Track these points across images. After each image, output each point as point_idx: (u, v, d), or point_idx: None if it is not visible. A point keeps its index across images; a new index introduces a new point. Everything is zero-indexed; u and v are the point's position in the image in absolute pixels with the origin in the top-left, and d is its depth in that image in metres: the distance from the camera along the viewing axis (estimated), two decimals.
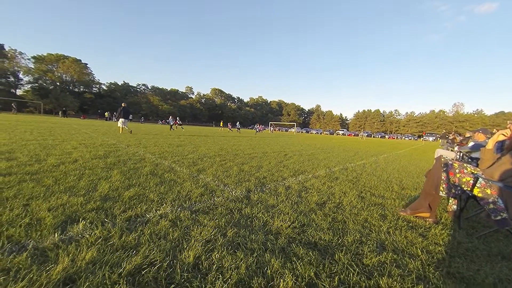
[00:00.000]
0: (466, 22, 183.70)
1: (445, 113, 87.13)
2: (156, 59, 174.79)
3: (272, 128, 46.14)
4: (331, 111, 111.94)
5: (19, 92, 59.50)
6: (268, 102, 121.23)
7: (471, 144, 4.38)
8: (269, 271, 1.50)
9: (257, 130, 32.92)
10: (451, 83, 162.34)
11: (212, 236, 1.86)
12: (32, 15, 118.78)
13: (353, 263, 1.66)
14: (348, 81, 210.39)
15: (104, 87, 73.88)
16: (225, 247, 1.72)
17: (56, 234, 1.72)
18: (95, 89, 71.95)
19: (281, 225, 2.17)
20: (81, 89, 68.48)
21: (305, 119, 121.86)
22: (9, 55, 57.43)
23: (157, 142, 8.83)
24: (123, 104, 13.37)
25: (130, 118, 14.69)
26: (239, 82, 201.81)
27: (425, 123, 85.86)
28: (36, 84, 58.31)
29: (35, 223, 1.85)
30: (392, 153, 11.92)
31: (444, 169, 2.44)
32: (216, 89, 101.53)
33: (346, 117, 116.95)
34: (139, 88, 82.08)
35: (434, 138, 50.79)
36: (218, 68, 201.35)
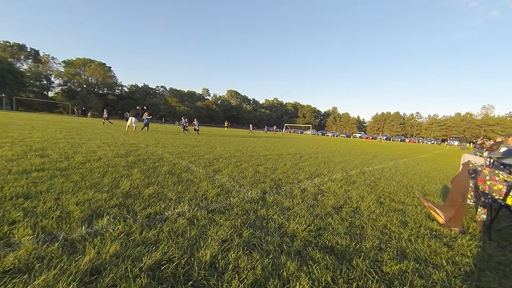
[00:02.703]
0: (500, 17, 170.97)
1: (473, 116, 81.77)
2: (174, 62, 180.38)
3: (282, 129, 47.03)
4: (348, 114, 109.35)
5: (50, 94, 63.90)
6: (284, 104, 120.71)
7: (503, 149, 4.07)
8: (285, 273, 1.49)
9: (266, 130, 36.48)
10: (479, 84, 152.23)
11: (228, 236, 1.89)
12: (60, 19, 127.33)
13: (372, 270, 1.61)
14: (366, 82, 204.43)
15: (126, 89, 77.40)
16: (241, 247, 1.73)
17: (83, 227, 1.82)
18: (118, 91, 75.55)
19: (297, 228, 2.15)
20: (105, 91, 72.18)
21: (321, 121, 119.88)
22: (43, 60, 62.08)
23: (174, 142, 9.09)
24: (137, 107, 14.25)
25: (146, 119, 15.34)
26: (254, 84, 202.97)
27: (449, 127, 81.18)
28: (65, 87, 62.39)
29: (65, 216, 1.98)
30: (413, 157, 11.39)
31: (472, 175, 2.30)
32: (232, 90, 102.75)
33: (363, 119, 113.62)
34: (158, 90, 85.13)
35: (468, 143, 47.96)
36: (234, 70, 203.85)
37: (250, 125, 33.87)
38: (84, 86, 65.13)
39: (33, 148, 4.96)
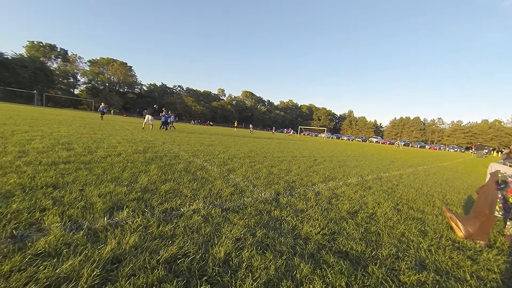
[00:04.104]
0: None
1: (502, 124, 76.49)
2: (192, 61, 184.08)
3: (297, 132, 47.49)
4: (364, 117, 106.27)
5: (76, 91, 67.58)
6: (299, 106, 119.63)
7: None
8: (298, 275, 1.48)
9: (273, 131, 42.55)
10: (510, 89, 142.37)
11: (242, 235, 1.91)
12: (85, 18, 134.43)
13: (388, 278, 1.56)
14: (384, 86, 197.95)
15: (145, 88, 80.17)
16: (254, 247, 1.75)
17: (105, 218, 1.92)
18: (137, 90, 78.42)
19: (311, 231, 2.13)
20: (125, 90, 75.17)
21: (336, 124, 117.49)
22: (71, 59, 65.83)
23: (189, 140, 9.30)
24: (155, 106, 14.70)
25: (164, 116, 15.64)
26: (270, 85, 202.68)
27: (475, 134, 76.51)
28: (90, 85, 65.71)
29: (89, 206, 2.09)
30: (433, 165, 10.87)
31: (501, 186, 2.17)
32: (247, 91, 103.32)
33: (380, 124, 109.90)
34: (175, 90, 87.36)
35: (486, 151, 44.96)
36: (250, 71, 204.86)
37: (251, 126, 35.10)
38: (107, 84, 68.27)
39: (60, 141, 5.27)
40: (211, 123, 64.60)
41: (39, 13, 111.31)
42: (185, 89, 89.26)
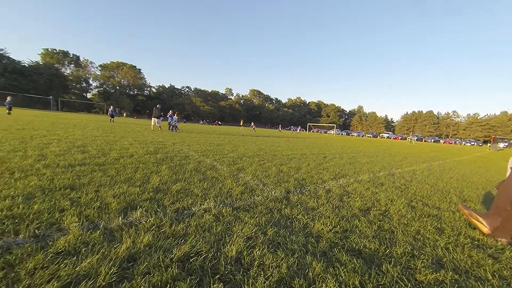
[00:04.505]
0: None
1: None
2: (199, 62, 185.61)
3: (299, 129, 47.54)
4: (374, 113, 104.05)
5: (88, 95, 69.71)
6: (307, 103, 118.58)
7: None
8: (310, 274, 1.47)
9: (280, 129, 42.89)
10: None
11: (253, 233, 1.91)
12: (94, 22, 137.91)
13: (403, 277, 1.53)
14: (395, 79, 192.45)
15: (154, 90, 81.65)
16: (266, 245, 1.75)
17: (120, 217, 1.97)
18: (146, 92, 79.98)
19: (322, 229, 2.11)
20: (135, 92, 76.83)
21: (346, 120, 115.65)
22: (83, 64, 67.95)
23: (199, 140, 9.40)
24: (158, 106, 14.48)
25: (176, 119, 15.81)
26: (277, 82, 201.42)
27: (493, 127, 73.26)
28: (101, 88, 67.67)
29: (104, 206, 2.16)
30: (449, 159, 10.50)
31: None
32: (255, 90, 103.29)
33: (391, 119, 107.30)
34: (183, 90, 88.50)
35: (506, 144, 42.95)
36: (257, 69, 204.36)
37: (252, 123, 34.91)
38: (117, 87, 70.06)
39: (75, 144, 5.46)
40: (219, 122, 65.05)
41: (51, 20, 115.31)
42: (193, 89, 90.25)
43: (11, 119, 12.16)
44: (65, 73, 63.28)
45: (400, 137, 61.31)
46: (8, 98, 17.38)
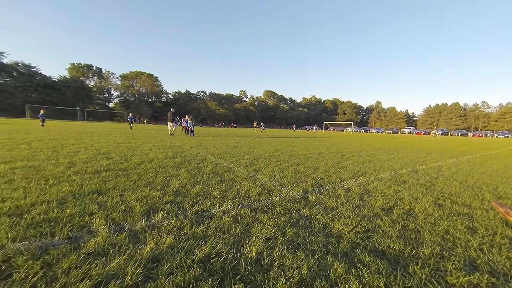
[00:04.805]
0: None
1: None
2: (213, 66, 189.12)
3: (314, 127, 45.92)
4: (394, 108, 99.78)
5: (110, 104, 73.56)
6: (322, 101, 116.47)
7: None
8: (332, 275, 1.44)
9: (294, 129, 43.87)
10: None
11: (272, 234, 1.91)
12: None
13: (433, 279, 1.45)
14: (414, 72, 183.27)
15: (170, 96, 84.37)
16: (285, 246, 1.74)
17: (143, 220, 2.06)
18: (164, 98, 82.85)
19: (343, 229, 2.06)
20: (153, 99, 79.87)
21: (363, 117, 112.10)
22: (105, 76, 71.98)
23: (215, 143, 9.56)
24: (172, 110, 14.76)
25: (191, 123, 16.07)
26: (291, 82, 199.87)
27: None
28: (122, 97, 71.15)
29: (128, 210, 2.26)
30: (479, 154, 9.78)
31: None
32: (269, 91, 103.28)
33: (413, 113, 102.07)
34: (198, 95, 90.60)
35: None
36: (270, 70, 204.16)
37: (262, 124, 34.18)
38: (136, 96, 73.28)
39: (100, 151, 5.78)
40: (234, 125, 65.68)
41: (76, 37, 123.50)
42: (208, 93, 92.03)
43: (44, 130, 13.14)
44: (90, 85, 67.42)
45: (423, 132, 58.17)
46: (41, 111, 18.81)
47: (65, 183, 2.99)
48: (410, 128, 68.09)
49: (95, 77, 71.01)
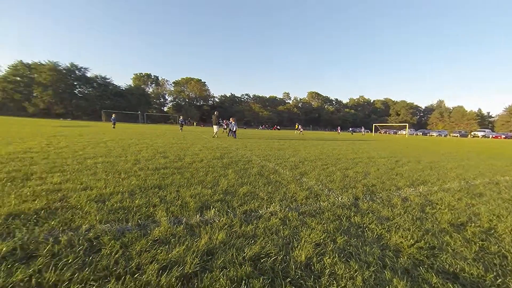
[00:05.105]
0: None
1: None
2: (257, 70, 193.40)
3: (362, 130, 40.83)
4: (461, 107, 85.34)
5: (165, 108, 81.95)
6: (371, 101, 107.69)
7: None
8: None
9: (339, 131, 40.95)
10: None
11: (322, 240, 1.85)
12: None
13: None
14: (490, 62, 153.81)
15: (217, 99, 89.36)
16: (336, 254, 1.67)
17: (197, 215, 2.23)
18: (211, 102, 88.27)
19: (401, 242, 1.87)
20: (201, 103, 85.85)
21: (421, 118, 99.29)
22: (161, 83, 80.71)
23: (260, 145, 9.75)
24: (215, 112, 15.49)
25: (234, 124, 16.66)
26: (337, 83, 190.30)
27: None
28: (174, 102, 78.56)
29: (184, 205, 2.48)
30: None
31: None
32: (313, 92, 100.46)
33: (488, 113, 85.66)
34: (243, 98, 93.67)
35: None
36: (315, 72, 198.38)
37: (300, 125, 28.55)
38: (187, 100, 79.89)
39: (158, 151, 6.48)
40: (278, 127, 65.70)
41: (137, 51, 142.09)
42: (252, 96, 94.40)
43: (115, 131, 15.40)
44: (148, 92, 76.48)
45: (504, 136, 48.29)
46: (113, 115, 22.26)
47: (133, 177, 3.45)
48: (485, 131, 57.13)
49: (153, 85, 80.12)
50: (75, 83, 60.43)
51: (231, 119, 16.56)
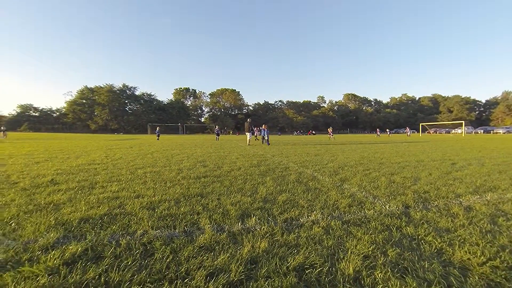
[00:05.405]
0: None
1: None
2: (290, 76, 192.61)
3: (407, 131, 35.40)
4: None
5: (202, 119, 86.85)
6: (417, 99, 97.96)
7: None
8: None
9: (378, 134, 35.87)
10: None
11: (370, 252, 1.72)
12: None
13: None
14: None
15: (251, 108, 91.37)
16: (388, 268, 1.53)
17: (239, 223, 2.29)
18: (245, 110, 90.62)
19: (469, 259, 1.63)
20: (236, 112, 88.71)
21: (481, 114, 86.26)
22: (198, 95, 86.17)
23: (296, 152, 9.61)
24: (248, 120, 15.70)
25: (266, 131, 16.68)
26: (376, 82, 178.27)
27: None
28: (211, 112, 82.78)
29: (226, 213, 2.57)
30: None
31: None
32: (349, 94, 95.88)
33: None
34: (276, 105, 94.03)
35: None
36: (351, 72, 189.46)
37: (330, 130, 27.06)
38: (222, 110, 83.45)
39: (198, 160, 6.87)
40: (313, 132, 64.11)
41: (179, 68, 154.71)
42: (285, 102, 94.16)
43: (159, 143, 16.84)
44: (187, 104, 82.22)
45: None
46: (158, 128, 24.50)
47: (177, 186, 3.71)
48: None
49: (191, 98, 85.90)
50: (126, 101, 68.77)
51: (263, 125, 16.71)
